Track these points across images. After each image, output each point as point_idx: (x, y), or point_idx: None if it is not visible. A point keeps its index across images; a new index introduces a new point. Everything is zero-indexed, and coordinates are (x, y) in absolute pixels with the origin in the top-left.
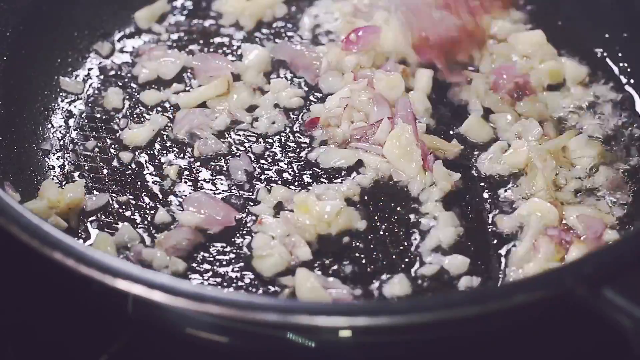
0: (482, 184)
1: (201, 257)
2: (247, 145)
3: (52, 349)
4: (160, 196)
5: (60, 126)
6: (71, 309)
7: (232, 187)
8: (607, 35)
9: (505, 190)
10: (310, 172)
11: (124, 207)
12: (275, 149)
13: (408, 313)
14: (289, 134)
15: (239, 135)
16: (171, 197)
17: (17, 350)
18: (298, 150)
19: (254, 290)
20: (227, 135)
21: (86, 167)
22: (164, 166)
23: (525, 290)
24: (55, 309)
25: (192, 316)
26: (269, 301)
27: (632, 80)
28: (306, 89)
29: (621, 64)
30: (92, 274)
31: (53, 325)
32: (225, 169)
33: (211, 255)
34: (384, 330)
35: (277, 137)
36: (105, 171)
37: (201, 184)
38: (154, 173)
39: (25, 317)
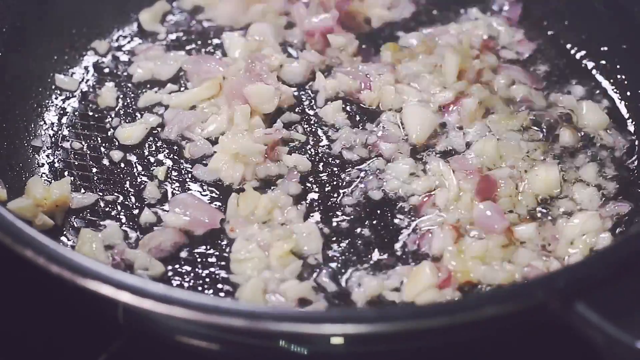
0: None
1: (184, 259)
2: None
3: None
4: (147, 196)
5: (53, 123)
6: (64, 316)
7: (219, 190)
8: (605, 48)
9: None
10: None
11: (110, 206)
12: None
13: (375, 322)
14: None
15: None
16: (158, 198)
17: None
18: None
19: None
20: (217, 138)
21: (76, 164)
22: (153, 166)
23: (496, 302)
24: (45, 316)
25: (181, 324)
26: (265, 310)
27: (629, 93)
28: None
29: (619, 76)
30: (85, 283)
31: (45, 333)
32: None
33: (194, 258)
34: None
35: None
36: (94, 169)
37: (189, 185)
38: (143, 173)
39: (16, 326)
